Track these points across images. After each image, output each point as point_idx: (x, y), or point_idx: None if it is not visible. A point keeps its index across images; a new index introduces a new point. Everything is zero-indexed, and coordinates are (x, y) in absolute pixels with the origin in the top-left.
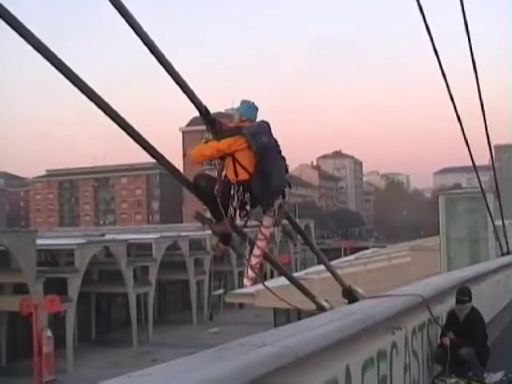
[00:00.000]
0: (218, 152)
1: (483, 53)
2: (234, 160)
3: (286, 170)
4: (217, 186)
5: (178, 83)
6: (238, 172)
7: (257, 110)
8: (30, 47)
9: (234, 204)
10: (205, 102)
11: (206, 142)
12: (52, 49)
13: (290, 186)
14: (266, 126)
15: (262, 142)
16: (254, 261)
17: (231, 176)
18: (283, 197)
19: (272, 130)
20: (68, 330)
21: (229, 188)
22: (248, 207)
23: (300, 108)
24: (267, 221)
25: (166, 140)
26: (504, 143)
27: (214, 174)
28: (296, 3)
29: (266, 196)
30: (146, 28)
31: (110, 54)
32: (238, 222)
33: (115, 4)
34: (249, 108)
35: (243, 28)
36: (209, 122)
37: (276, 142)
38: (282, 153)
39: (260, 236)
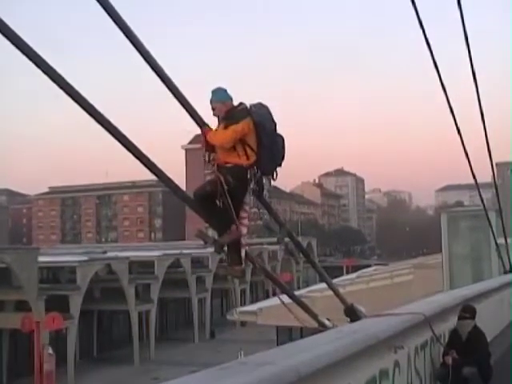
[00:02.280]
0: (238, 134)
1: (485, 73)
2: (244, 144)
3: (283, 143)
4: (224, 180)
5: (179, 100)
6: (248, 154)
7: None
8: (31, 64)
9: (252, 186)
10: (206, 118)
11: (216, 130)
12: (55, 67)
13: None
14: (267, 107)
15: (270, 124)
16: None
17: (243, 161)
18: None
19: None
20: (69, 348)
21: (242, 175)
22: (264, 188)
23: (301, 126)
24: (248, 198)
25: (168, 158)
26: (506, 161)
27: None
28: (295, 14)
29: (273, 167)
30: (147, 45)
31: (111, 71)
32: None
33: (118, 23)
34: (225, 91)
35: (238, 42)
36: None
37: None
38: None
39: (243, 214)
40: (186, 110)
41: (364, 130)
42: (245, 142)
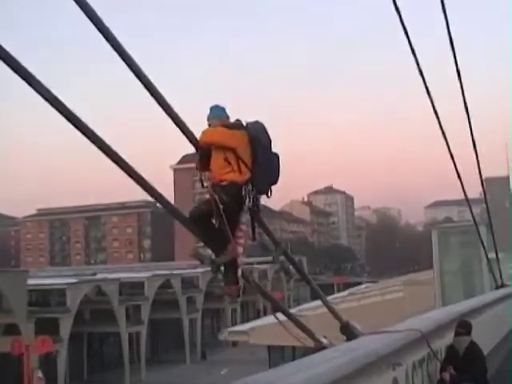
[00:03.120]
0: (225, 139)
1: (474, 88)
2: (238, 158)
3: (278, 161)
4: (219, 198)
5: (170, 117)
6: (243, 170)
7: None
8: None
9: (248, 203)
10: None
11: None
12: (46, 85)
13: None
14: (263, 124)
15: (265, 139)
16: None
17: (237, 177)
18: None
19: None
20: (59, 371)
21: (237, 193)
22: (257, 206)
23: (289, 144)
24: (245, 217)
25: (157, 178)
26: (494, 175)
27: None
28: (275, 29)
29: (268, 186)
30: (142, 66)
31: (105, 90)
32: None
33: (108, 39)
34: (223, 109)
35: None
36: (203, 156)
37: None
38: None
39: (239, 233)
40: (179, 128)
41: (353, 148)
42: (238, 157)
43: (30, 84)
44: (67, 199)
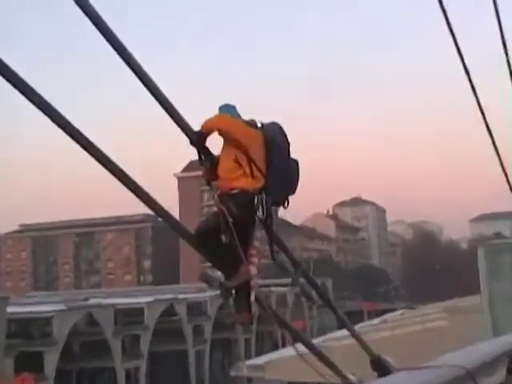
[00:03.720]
0: (236, 129)
1: None
2: (250, 160)
3: (297, 167)
4: (228, 210)
5: (173, 118)
6: (255, 175)
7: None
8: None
9: (260, 214)
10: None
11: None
12: (40, 92)
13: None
14: (280, 125)
15: (282, 140)
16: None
17: (249, 184)
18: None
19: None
20: None
21: (249, 203)
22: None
23: (313, 150)
24: (258, 232)
25: (158, 187)
26: None
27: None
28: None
29: (285, 195)
30: (142, 64)
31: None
32: None
33: (109, 39)
34: (234, 107)
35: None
36: (208, 158)
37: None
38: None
39: (252, 251)
40: (182, 130)
41: (384, 154)
42: (250, 158)
43: (15, 86)
44: (54, 213)
